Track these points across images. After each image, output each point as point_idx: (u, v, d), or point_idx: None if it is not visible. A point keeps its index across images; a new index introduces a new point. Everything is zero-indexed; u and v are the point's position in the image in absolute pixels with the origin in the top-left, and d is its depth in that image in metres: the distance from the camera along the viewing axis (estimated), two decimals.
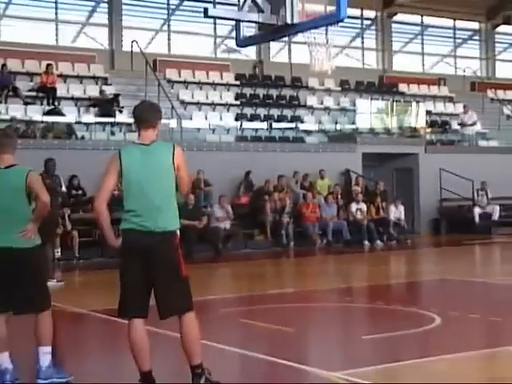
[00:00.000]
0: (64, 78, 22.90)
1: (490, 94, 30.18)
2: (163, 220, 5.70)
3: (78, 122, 20.76)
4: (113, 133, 20.61)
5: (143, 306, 5.71)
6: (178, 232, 5.85)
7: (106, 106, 21.27)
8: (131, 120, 21.42)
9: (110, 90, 22.15)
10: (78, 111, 21.41)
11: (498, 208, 22.98)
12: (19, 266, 6.17)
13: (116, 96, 21.69)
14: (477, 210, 22.79)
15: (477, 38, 33.90)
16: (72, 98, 22.08)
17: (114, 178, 5.79)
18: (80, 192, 18.26)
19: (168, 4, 27.03)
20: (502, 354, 7.19)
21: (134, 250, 5.70)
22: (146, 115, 6.01)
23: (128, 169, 5.75)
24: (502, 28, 33.82)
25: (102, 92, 21.77)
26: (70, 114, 20.90)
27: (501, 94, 30.78)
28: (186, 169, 5.87)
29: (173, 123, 21.02)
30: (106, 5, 25.78)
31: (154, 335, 6.30)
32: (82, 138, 20.07)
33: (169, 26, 27.04)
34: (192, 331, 5.71)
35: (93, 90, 22.39)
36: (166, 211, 5.73)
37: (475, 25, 33.59)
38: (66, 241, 16.68)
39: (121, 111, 21.43)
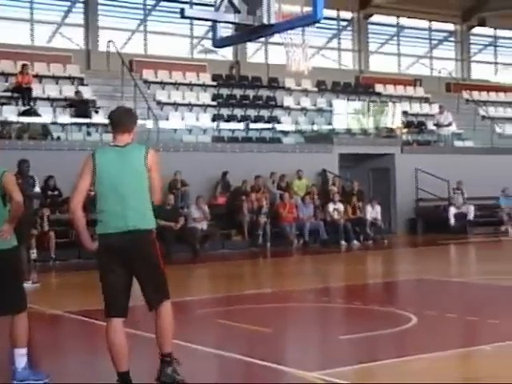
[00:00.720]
0: (40, 78, 22.75)
1: (466, 94, 30.39)
2: (139, 219, 5.81)
3: (54, 123, 20.64)
4: (89, 133, 20.53)
5: (123, 306, 5.83)
6: (155, 230, 5.94)
7: (82, 106, 21.16)
8: (107, 121, 21.40)
9: (86, 91, 22.05)
10: (54, 112, 21.28)
11: (473, 208, 23.13)
12: None
13: (91, 101, 21.60)
14: (452, 210, 22.93)
15: (452, 39, 34.11)
16: (48, 99, 21.95)
17: (88, 178, 5.88)
18: (56, 193, 18.16)
19: (144, 4, 26.95)
20: (479, 353, 7.24)
21: (112, 251, 5.79)
22: (122, 120, 6.15)
23: (102, 169, 5.84)
24: (477, 30, 34.06)
25: (77, 92, 21.64)
26: (45, 115, 20.77)
27: (476, 95, 31.00)
28: (158, 171, 5.95)
29: (149, 124, 20.97)
30: (81, 5, 25.64)
31: (131, 337, 6.28)
32: (58, 138, 19.97)
33: (145, 26, 26.95)
34: (169, 319, 5.87)
35: (69, 91, 22.27)
36: (141, 211, 5.84)
37: (451, 26, 33.79)
38: (43, 242, 16.57)
39: (97, 112, 21.33)
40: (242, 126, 23.73)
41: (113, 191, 5.81)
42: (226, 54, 27.79)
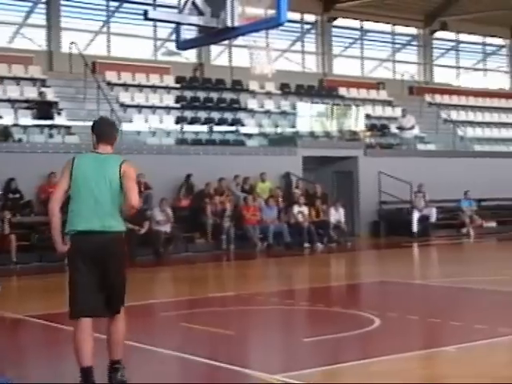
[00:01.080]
0: (1, 79, 22.48)
1: (428, 98, 30.65)
2: (111, 221, 6.00)
3: (15, 125, 20.39)
4: (51, 135, 20.31)
5: (93, 306, 5.92)
6: (124, 234, 6.16)
7: (44, 108, 20.95)
8: (70, 123, 21.21)
9: (48, 92, 21.82)
10: (15, 113, 21.04)
11: (435, 210, 23.32)
12: None
13: (53, 103, 21.41)
14: (416, 215, 23.07)
15: (415, 43, 34.38)
16: (9, 100, 21.67)
17: (66, 180, 6.12)
18: (17, 195, 17.96)
19: (107, 6, 26.76)
20: (441, 354, 7.29)
21: (83, 251, 5.93)
22: (108, 133, 6.36)
23: (78, 171, 6.09)
24: (440, 34, 34.38)
25: (41, 93, 21.38)
26: (6, 116, 20.50)
27: (438, 98, 31.29)
28: (132, 180, 6.13)
29: None
30: (43, 5, 25.39)
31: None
32: (20, 140, 19.73)
33: (108, 27, 26.75)
34: (123, 327, 6.07)
35: (30, 92, 22.04)
36: (113, 214, 6.03)
37: (413, 30, 34.07)
38: (4, 245, 16.38)
39: (59, 113, 21.14)
40: (205, 128, 23.66)
41: (87, 193, 6.02)
42: (190, 56, 27.70)
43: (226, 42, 25.46)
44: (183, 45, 12.23)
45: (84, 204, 6.00)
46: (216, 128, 23.80)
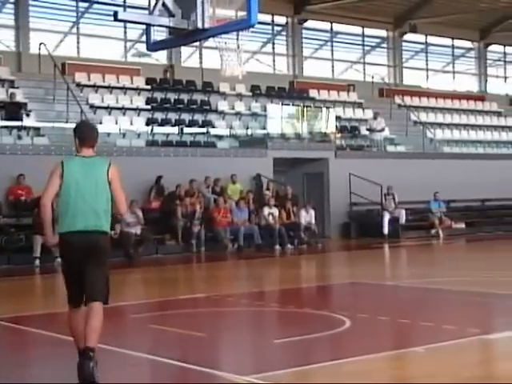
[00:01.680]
0: None
1: (398, 100, 30.84)
2: (98, 222, 6.44)
3: None
4: (20, 137, 20.13)
5: (81, 296, 6.45)
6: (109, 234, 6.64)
7: (12, 109, 20.76)
8: (39, 124, 21.04)
9: (17, 94, 21.62)
10: None
11: (404, 212, 23.45)
12: None
13: (22, 104, 21.22)
14: (386, 217, 23.18)
15: (385, 45, 34.60)
16: None
17: (57, 180, 6.48)
18: None
19: (77, 6, 26.60)
20: (412, 354, 7.33)
21: (73, 248, 6.41)
22: (90, 136, 6.78)
23: (69, 174, 6.46)
24: (409, 36, 34.63)
25: (12, 95, 21.14)
26: None
27: (408, 100, 31.48)
28: (119, 183, 6.67)
29: None
30: (11, 6, 25.18)
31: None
32: None
33: (78, 28, 26.61)
34: (100, 317, 6.33)
35: None
36: (101, 215, 6.46)
37: (383, 33, 34.27)
38: None
39: (28, 115, 20.97)
40: (176, 130, 23.59)
41: (76, 195, 6.42)
42: (160, 57, 27.64)
43: (197, 43, 25.49)
44: (153, 46, 12.22)
45: (75, 206, 6.39)
46: (186, 130, 23.75)
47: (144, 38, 13.73)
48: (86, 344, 6.21)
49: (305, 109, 25.36)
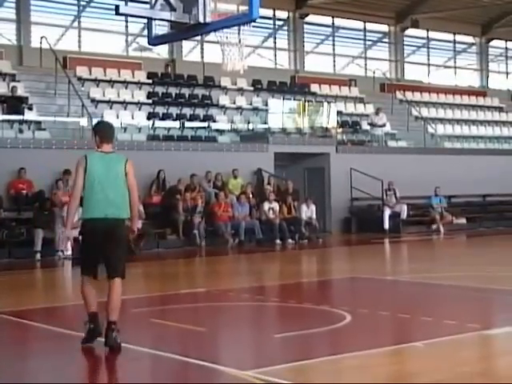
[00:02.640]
0: None
1: (399, 95, 30.79)
2: (115, 210, 7.47)
3: None
4: (21, 130, 20.13)
5: (95, 269, 7.52)
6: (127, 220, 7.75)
7: (14, 103, 20.75)
8: (40, 118, 21.03)
9: (18, 87, 21.62)
10: None
11: (405, 207, 23.46)
12: None
13: (24, 98, 21.22)
14: (387, 212, 23.19)
15: (386, 40, 34.56)
16: None
17: (82, 176, 7.42)
18: None
19: (78, 0, 26.58)
20: (411, 349, 7.33)
21: (93, 231, 7.44)
22: (109, 133, 7.75)
23: (91, 168, 7.42)
24: (411, 31, 34.58)
25: (14, 88, 21.13)
26: None
27: (409, 95, 31.44)
28: (133, 177, 7.66)
29: (83, 122, 20.67)
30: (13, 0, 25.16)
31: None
32: None
33: (79, 22, 26.59)
34: (119, 292, 7.50)
35: (0, 87, 21.80)
36: (119, 204, 7.51)
37: (385, 27, 34.23)
38: None
39: (30, 109, 20.96)
40: (177, 124, 23.57)
41: (98, 186, 7.40)
42: (162, 51, 27.62)
43: (198, 37, 25.53)
44: (155, 40, 12.21)
45: (97, 196, 7.40)
46: (188, 124, 23.74)
47: (145, 32, 13.72)
48: (110, 319, 7.29)
49: (306, 103, 25.34)
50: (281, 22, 31.28)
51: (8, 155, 18.22)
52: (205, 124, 24.16)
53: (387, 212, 23.21)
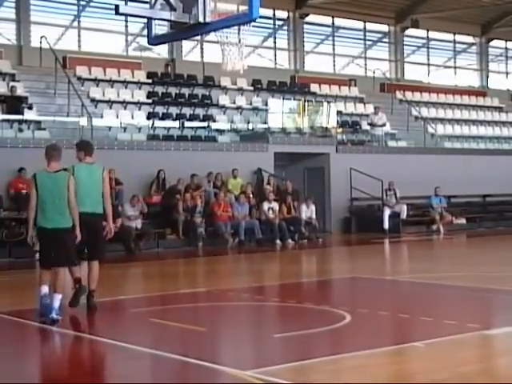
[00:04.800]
0: None
1: (399, 95, 30.79)
2: (97, 207, 9.72)
3: None
4: (21, 130, 20.13)
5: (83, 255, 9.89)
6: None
7: (13, 102, 20.75)
8: (40, 117, 21.03)
9: (18, 87, 21.62)
10: None
11: (405, 207, 23.45)
12: None
13: (23, 97, 21.21)
14: (387, 212, 23.17)
15: (386, 40, 34.55)
16: None
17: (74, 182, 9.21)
18: None
19: (78, 0, 26.58)
20: (411, 349, 7.33)
21: (83, 224, 9.25)
22: (91, 148, 10.02)
23: (78, 175, 9.47)
24: (411, 31, 34.58)
25: (13, 88, 21.12)
26: None
27: (409, 95, 31.44)
28: (107, 183, 9.85)
29: (83, 121, 20.68)
30: None
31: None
32: None
33: (79, 22, 26.58)
34: (97, 269, 9.77)
35: (0, 87, 21.80)
36: (99, 202, 9.76)
37: (385, 27, 34.23)
38: None
39: (30, 108, 20.95)
40: (177, 124, 23.57)
41: (84, 190, 9.45)
42: (162, 51, 27.62)
43: (198, 37, 25.50)
44: (155, 40, 12.20)
45: (82, 197, 9.36)
46: (187, 124, 23.73)
47: (145, 32, 13.72)
48: (91, 287, 9.61)
49: (306, 103, 25.34)
50: (281, 22, 31.27)
51: (8, 155, 18.21)
52: (205, 124, 24.15)
53: (387, 212, 23.20)
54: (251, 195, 21.14)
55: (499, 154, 28.76)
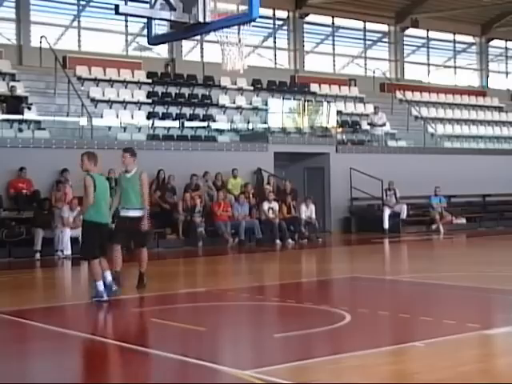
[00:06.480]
0: None
1: (399, 95, 30.79)
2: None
3: None
4: (21, 130, 20.13)
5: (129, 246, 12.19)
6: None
7: (13, 102, 20.74)
8: (40, 117, 21.04)
9: (17, 87, 21.62)
10: None
11: (405, 207, 23.46)
12: None
13: (23, 97, 21.21)
14: (387, 212, 23.17)
15: (386, 40, 34.55)
16: None
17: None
18: None
19: (78, 0, 26.56)
20: (411, 349, 7.33)
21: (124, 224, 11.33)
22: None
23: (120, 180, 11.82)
24: (410, 31, 34.58)
25: (13, 88, 21.12)
26: None
27: (409, 95, 31.44)
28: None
29: (83, 121, 20.67)
30: None
31: None
32: None
33: (79, 22, 26.58)
34: (146, 255, 11.65)
35: (0, 87, 21.80)
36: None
37: (384, 27, 34.22)
38: None
39: (29, 108, 20.95)
40: (177, 124, 23.57)
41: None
42: (161, 51, 27.61)
43: (198, 37, 25.49)
44: (155, 40, 12.23)
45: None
46: (187, 124, 23.73)
47: (145, 32, 13.72)
48: (142, 270, 11.78)
49: (306, 103, 25.35)
50: (281, 22, 31.26)
51: (8, 155, 18.22)
52: (204, 124, 24.15)
53: (387, 212, 23.21)
54: (251, 195, 21.14)
55: (499, 153, 28.77)
